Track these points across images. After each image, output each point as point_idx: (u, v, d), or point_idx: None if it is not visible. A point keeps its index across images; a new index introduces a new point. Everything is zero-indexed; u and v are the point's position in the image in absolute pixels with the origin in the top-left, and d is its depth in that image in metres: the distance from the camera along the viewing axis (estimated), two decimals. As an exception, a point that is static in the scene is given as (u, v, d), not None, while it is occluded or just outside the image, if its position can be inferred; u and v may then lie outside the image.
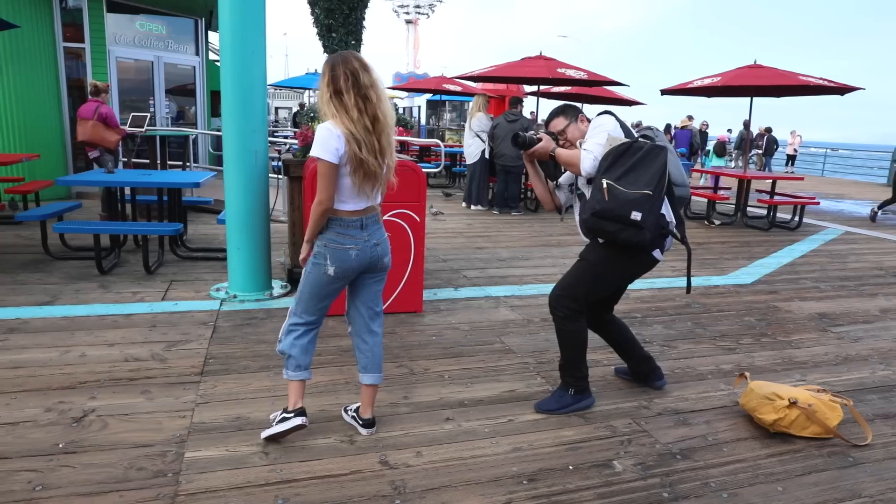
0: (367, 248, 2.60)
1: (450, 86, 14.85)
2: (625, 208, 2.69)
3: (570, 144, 3.08)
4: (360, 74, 2.46)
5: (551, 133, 3.10)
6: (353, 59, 2.49)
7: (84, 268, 5.38)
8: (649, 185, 2.72)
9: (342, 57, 2.51)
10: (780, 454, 2.78)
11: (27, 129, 8.60)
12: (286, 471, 2.48)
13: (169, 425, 2.79)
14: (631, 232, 2.73)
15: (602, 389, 3.37)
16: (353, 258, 2.57)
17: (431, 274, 5.56)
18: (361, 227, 2.57)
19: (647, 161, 2.76)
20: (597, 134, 2.89)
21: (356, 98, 2.44)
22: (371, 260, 2.63)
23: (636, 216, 2.69)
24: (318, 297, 2.65)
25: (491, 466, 2.59)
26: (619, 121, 2.97)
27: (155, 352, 3.61)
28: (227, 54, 4.42)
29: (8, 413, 2.83)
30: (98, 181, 5.51)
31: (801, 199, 9.38)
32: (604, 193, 2.72)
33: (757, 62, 9.29)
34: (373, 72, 2.50)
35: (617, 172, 2.74)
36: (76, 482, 2.34)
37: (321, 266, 2.58)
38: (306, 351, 2.70)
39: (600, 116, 3.01)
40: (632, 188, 2.70)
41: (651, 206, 2.72)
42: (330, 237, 2.56)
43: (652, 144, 2.80)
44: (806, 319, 4.80)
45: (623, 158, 2.76)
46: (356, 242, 2.56)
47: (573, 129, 3.10)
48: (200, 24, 11.08)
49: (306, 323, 2.69)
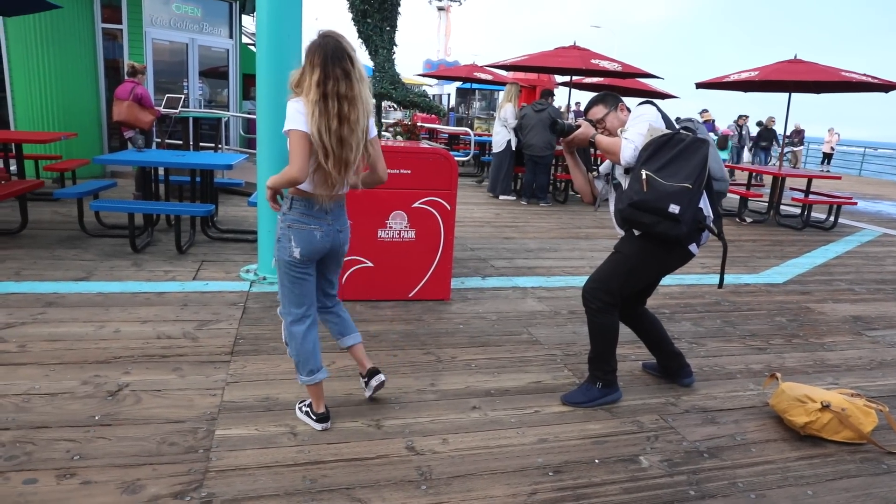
0: (331, 233, 2.60)
1: (480, 74, 14.77)
2: (663, 201, 2.65)
3: (610, 134, 3.04)
4: (349, 75, 2.40)
5: (590, 121, 3.07)
6: (345, 58, 2.41)
7: (118, 245, 5.49)
8: (689, 179, 2.67)
9: (334, 52, 2.40)
10: (810, 457, 2.74)
11: (65, 108, 8.77)
12: (314, 452, 2.51)
13: (200, 403, 2.84)
14: (668, 225, 2.69)
15: (629, 384, 3.34)
16: (318, 239, 2.56)
17: (459, 262, 5.57)
18: (326, 211, 2.56)
19: (688, 153, 2.71)
20: (638, 123, 2.85)
21: (339, 106, 2.38)
22: (333, 245, 2.63)
23: (674, 209, 2.65)
24: (295, 284, 2.61)
25: (517, 457, 2.59)
26: (660, 112, 2.92)
27: (186, 330, 3.68)
28: (263, 38, 4.44)
29: (47, 384, 2.91)
30: (133, 160, 5.60)
31: (838, 198, 9.16)
32: (643, 184, 2.68)
33: (797, 57, 9.07)
34: (356, 63, 2.43)
35: (657, 164, 2.70)
36: (112, 454, 2.40)
37: (287, 249, 2.56)
38: (313, 353, 2.66)
39: (642, 106, 2.96)
40: (671, 180, 2.66)
41: (690, 199, 2.68)
42: (294, 217, 2.54)
43: (693, 137, 2.75)
44: (839, 322, 4.70)
45: (664, 150, 2.72)
46: (321, 224, 2.55)
47: (612, 117, 3.06)
48: (235, 7, 11.16)
49: (299, 318, 2.64)
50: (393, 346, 3.67)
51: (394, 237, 4.34)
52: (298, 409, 2.79)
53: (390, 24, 5.27)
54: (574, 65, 10.11)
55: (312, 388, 2.68)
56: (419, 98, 5.47)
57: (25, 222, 5.69)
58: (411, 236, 4.36)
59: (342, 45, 2.44)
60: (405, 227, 4.34)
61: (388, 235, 4.32)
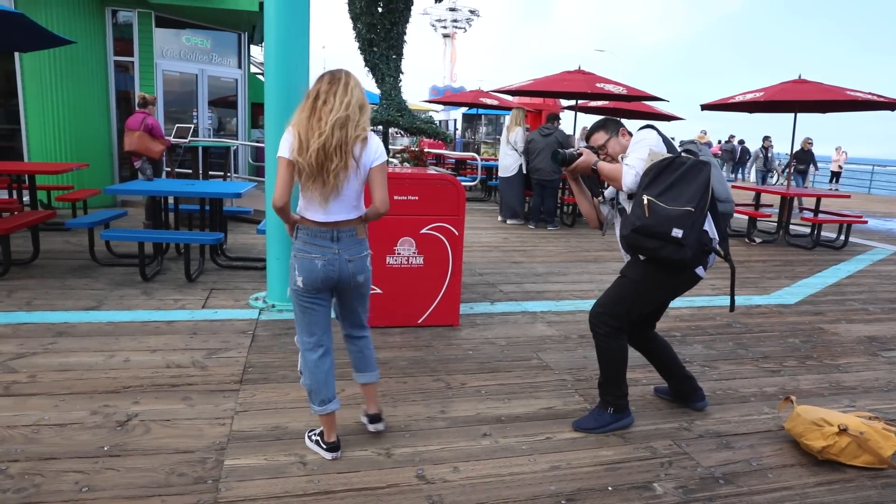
0: (338, 262, 2.54)
1: (486, 99, 14.90)
2: (665, 225, 2.64)
3: (611, 159, 3.05)
4: (334, 94, 2.46)
5: (592, 147, 3.08)
6: (335, 80, 2.49)
7: (128, 274, 5.52)
8: (691, 202, 2.66)
9: (329, 77, 2.51)
10: (829, 483, 2.68)
11: (78, 139, 8.91)
12: (323, 482, 2.49)
13: (209, 432, 2.83)
14: (671, 249, 2.68)
15: (641, 409, 3.30)
16: (320, 268, 2.51)
17: (468, 288, 5.55)
18: (332, 239, 2.53)
19: (690, 177, 2.70)
20: (639, 149, 2.84)
21: (319, 122, 2.43)
22: (342, 275, 2.56)
23: (677, 233, 2.64)
24: (304, 312, 2.61)
25: (528, 484, 2.55)
26: (661, 135, 2.92)
27: (195, 359, 3.67)
28: (271, 67, 4.51)
29: (57, 414, 2.91)
30: (144, 190, 5.66)
31: (848, 217, 9.12)
32: (644, 210, 2.67)
33: (801, 77, 9.10)
34: (349, 86, 2.48)
35: (658, 188, 2.69)
36: (120, 485, 2.39)
37: (293, 277, 2.57)
38: (326, 383, 2.63)
39: (642, 130, 2.97)
40: (673, 204, 2.65)
41: (693, 223, 2.66)
42: (298, 246, 2.55)
43: (695, 160, 2.75)
44: (854, 342, 4.64)
45: (665, 174, 2.72)
46: (324, 253, 2.52)
47: (614, 143, 3.07)
48: (243, 38, 11.36)
49: (311, 347, 2.64)
50: (402, 372, 3.65)
51: (402, 263, 4.34)
52: (308, 437, 2.77)
53: (396, 52, 5.34)
54: (579, 89, 10.18)
55: (324, 417, 2.65)
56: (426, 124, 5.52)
57: (37, 252, 5.74)
58: (420, 262, 4.36)
59: (339, 73, 2.52)
60: (413, 253, 4.34)
61: (396, 262, 4.33)
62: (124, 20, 9.49)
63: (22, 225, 5.41)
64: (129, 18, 9.45)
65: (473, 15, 38.75)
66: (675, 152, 2.84)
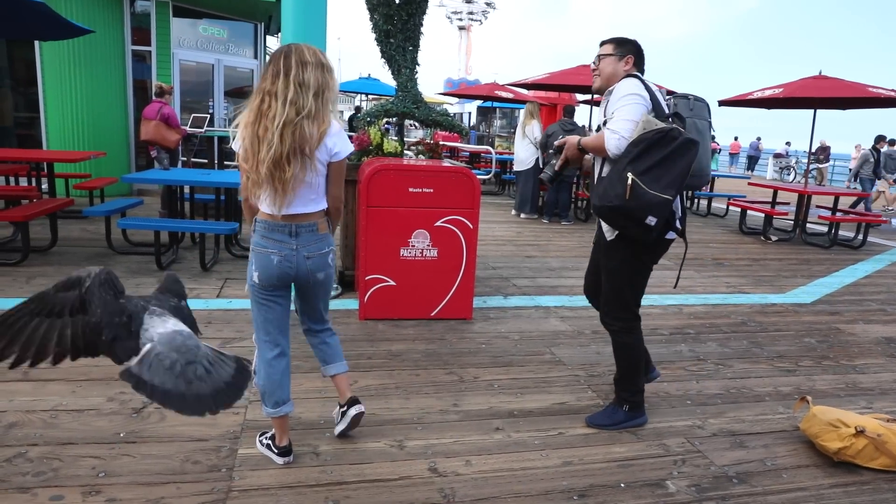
0: (295, 258, 2.36)
1: (501, 92, 14.84)
2: (643, 211, 2.58)
3: (600, 75, 2.94)
4: (282, 74, 2.23)
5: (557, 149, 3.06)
6: (291, 63, 2.25)
7: (144, 262, 5.56)
8: (671, 187, 2.58)
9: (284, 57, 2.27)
10: (845, 485, 2.66)
11: (95, 127, 8.98)
12: (336, 473, 2.50)
13: (223, 421, 2.85)
14: (640, 231, 2.65)
15: (654, 406, 3.29)
16: (275, 265, 2.35)
17: (481, 281, 5.54)
18: (290, 234, 2.35)
19: (677, 157, 2.58)
20: (624, 107, 2.69)
21: (264, 105, 2.23)
22: (299, 273, 2.39)
23: (650, 221, 2.59)
24: (260, 309, 2.45)
25: (541, 479, 2.55)
26: (649, 89, 2.73)
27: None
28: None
29: (74, 400, 2.95)
30: (160, 179, 5.70)
31: (867, 216, 8.99)
32: (626, 190, 2.57)
33: (822, 73, 8.98)
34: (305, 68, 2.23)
35: (644, 164, 2.57)
36: (136, 471, 2.41)
37: (249, 272, 2.43)
38: (280, 384, 2.47)
39: (627, 82, 2.76)
40: (654, 186, 2.56)
41: (667, 210, 2.61)
42: (255, 240, 2.39)
43: (685, 138, 2.60)
44: (871, 343, 4.58)
45: (655, 150, 2.58)
46: (280, 248, 2.34)
47: (611, 64, 2.91)
48: (259, 28, 11.37)
49: (268, 346, 2.48)
50: (415, 365, 3.66)
51: (416, 256, 4.34)
52: (259, 441, 2.64)
53: (413, 43, 5.31)
54: (595, 83, 10.09)
55: (277, 420, 2.50)
56: (442, 117, 5.49)
57: (55, 239, 5.80)
58: (434, 255, 4.36)
59: (279, 58, 2.27)
60: (428, 245, 4.34)
61: (410, 254, 4.33)
62: (142, 9, 9.53)
63: (41, 212, 5.47)
64: (147, 8, 9.49)
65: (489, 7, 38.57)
66: (664, 114, 2.70)
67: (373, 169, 4.20)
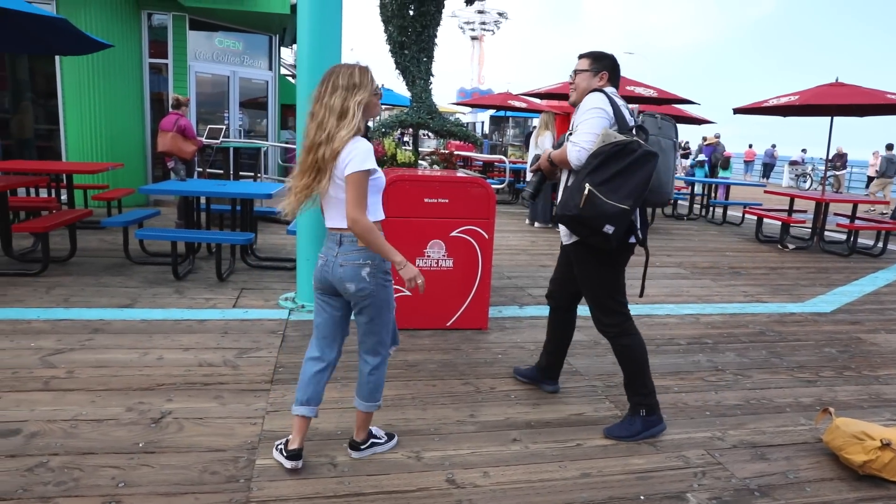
0: (332, 264, 2.47)
1: (514, 102, 14.86)
2: (599, 220, 2.68)
3: (576, 90, 3.06)
4: (313, 105, 2.45)
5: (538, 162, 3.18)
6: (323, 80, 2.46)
7: (161, 273, 5.61)
8: (629, 198, 2.67)
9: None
10: (870, 499, 2.61)
11: (113, 139, 9.10)
12: (354, 484, 2.50)
13: (241, 431, 2.86)
14: (599, 240, 2.77)
15: (673, 417, 3.25)
16: (319, 267, 2.54)
17: (496, 291, 5.53)
18: (336, 243, 2.48)
19: (635, 168, 2.69)
20: (588, 121, 2.82)
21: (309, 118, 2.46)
22: (333, 277, 2.47)
23: (608, 230, 2.69)
24: (314, 311, 2.64)
25: (559, 491, 2.53)
26: (613, 103, 2.85)
27: (227, 358, 3.72)
28: (303, 70, 4.55)
29: (93, 410, 2.97)
30: (177, 190, 5.76)
31: (886, 224, 8.88)
32: (582, 199, 2.69)
33: (838, 80, 8.90)
34: (329, 82, 2.42)
35: (602, 175, 2.69)
36: (155, 482, 2.42)
37: None
38: (307, 385, 2.56)
39: (592, 96, 2.89)
40: (612, 197, 2.66)
41: (625, 220, 2.71)
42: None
43: (644, 150, 2.70)
44: (894, 354, 4.51)
45: (612, 162, 2.69)
46: (325, 254, 2.53)
47: (586, 79, 3.02)
48: (274, 40, 11.49)
49: (312, 344, 2.62)
50: (431, 375, 3.65)
51: (432, 266, 4.34)
52: (275, 447, 2.67)
53: (427, 55, 5.34)
54: (609, 92, 10.08)
55: (293, 420, 2.57)
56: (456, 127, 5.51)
57: (74, 250, 5.87)
58: (449, 265, 4.36)
59: (322, 80, 2.45)
60: (443, 255, 4.34)
61: (426, 264, 4.33)
62: (159, 23, 9.67)
63: (60, 223, 5.54)
64: (164, 21, 9.62)
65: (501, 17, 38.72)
66: (626, 127, 2.81)
67: (388, 180, 4.19)
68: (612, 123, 2.81)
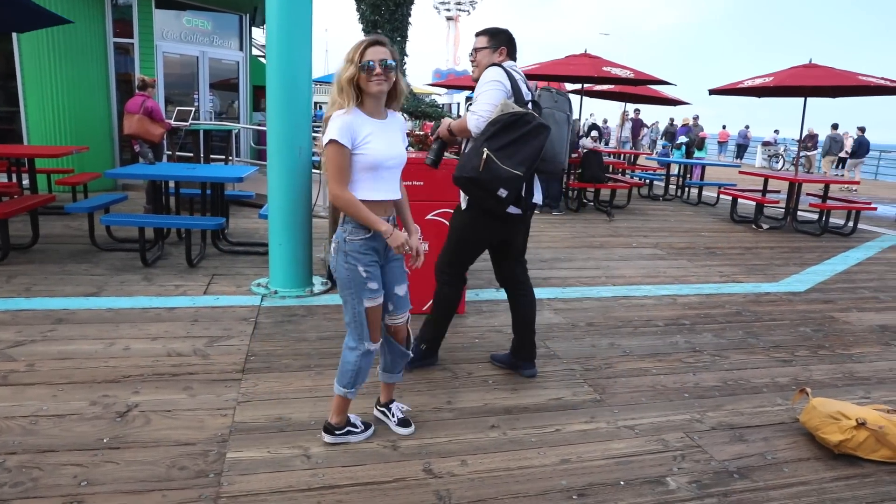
0: None
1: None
2: (495, 183, 2.84)
3: (477, 66, 3.20)
4: None
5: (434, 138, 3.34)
6: None
7: (128, 259, 5.44)
8: (522, 165, 2.84)
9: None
10: (846, 478, 2.62)
11: (77, 121, 8.80)
12: (328, 476, 2.43)
13: (211, 424, 2.77)
14: (492, 203, 2.92)
15: (651, 400, 3.24)
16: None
17: (473, 274, 5.44)
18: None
19: (530, 138, 2.85)
20: (485, 92, 2.98)
21: None
22: None
23: (502, 193, 2.85)
24: None
25: (539, 479, 2.49)
26: (511, 77, 3.01)
27: (197, 347, 3.61)
28: (273, 51, 4.40)
29: (55, 405, 2.84)
30: (145, 174, 5.57)
31: (857, 203, 9.00)
32: (481, 162, 2.83)
33: (812, 61, 8.95)
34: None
35: (499, 142, 2.84)
36: (120, 479, 2.33)
37: None
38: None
39: (491, 70, 3.03)
40: (507, 163, 2.82)
41: (518, 185, 2.88)
42: None
43: (537, 122, 2.87)
44: (866, 332, 4.56)
45: (509, 130, 2.85)
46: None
47: (487, 55, 3.18)
48: (245, 19, 11.19)
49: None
50: (407, 361, 3.58)
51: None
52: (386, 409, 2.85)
53: (401, 34, 5.22)
54: (585, 73, 10.03)
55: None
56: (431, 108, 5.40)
57: (37, 237, 5.66)
58: (424, 248, 4.26)
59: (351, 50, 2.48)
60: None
61: (401, 248, 4.23)
62: (123, 1, 9.33)
63: (21, 209, 5.33)
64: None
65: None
66: (523, 101, 2.97)
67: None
68: (510, 95, 2.98)
